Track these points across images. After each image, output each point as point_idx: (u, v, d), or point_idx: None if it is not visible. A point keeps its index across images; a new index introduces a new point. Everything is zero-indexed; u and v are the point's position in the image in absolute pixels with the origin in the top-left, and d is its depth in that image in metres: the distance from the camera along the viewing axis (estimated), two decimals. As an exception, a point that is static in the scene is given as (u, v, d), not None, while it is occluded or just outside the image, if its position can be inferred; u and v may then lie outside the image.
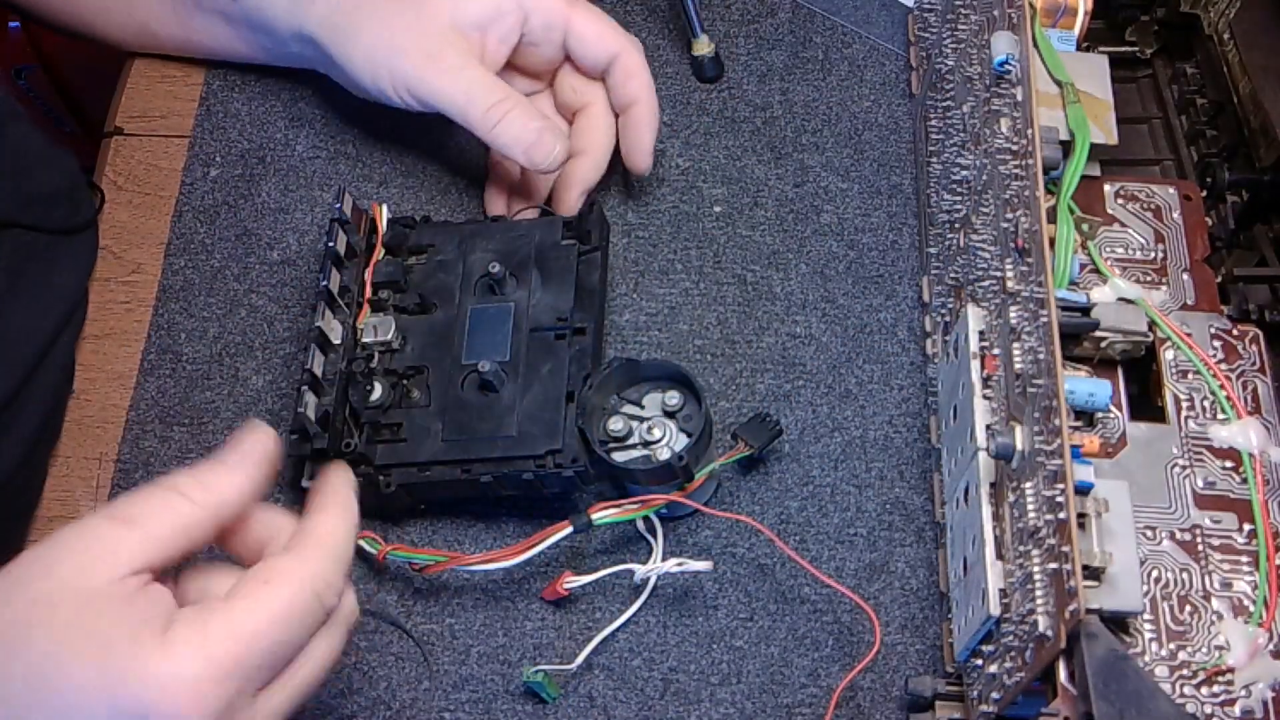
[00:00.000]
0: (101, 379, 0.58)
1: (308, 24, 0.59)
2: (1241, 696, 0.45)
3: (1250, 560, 0.47)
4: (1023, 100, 0.49)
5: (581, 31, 0.57)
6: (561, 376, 0.52)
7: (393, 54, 0.56)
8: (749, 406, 0.57)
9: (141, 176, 0.64)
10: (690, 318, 0.59)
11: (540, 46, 0.58)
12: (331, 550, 0.41)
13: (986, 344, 0.49)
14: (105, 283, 0.61)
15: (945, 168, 0.57)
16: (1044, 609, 0.40)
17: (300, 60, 0.62)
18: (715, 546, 0.54)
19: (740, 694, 0.51)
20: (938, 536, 0.53)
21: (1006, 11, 0.51)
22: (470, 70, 0.56)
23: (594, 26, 0.58)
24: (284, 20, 0.59)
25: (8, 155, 0.54)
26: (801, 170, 0.63)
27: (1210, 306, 0.53)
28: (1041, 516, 0.41)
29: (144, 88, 0.66)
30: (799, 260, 0.60)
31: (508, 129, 0.55)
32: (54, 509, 0.56)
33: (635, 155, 0.59)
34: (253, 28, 0.61)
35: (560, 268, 0.55)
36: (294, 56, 0.62)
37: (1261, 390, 0.51)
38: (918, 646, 0.51)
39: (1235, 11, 0.57)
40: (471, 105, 0.56)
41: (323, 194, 0.63)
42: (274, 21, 0.60)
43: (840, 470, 0.55)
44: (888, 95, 0.65)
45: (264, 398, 0.57)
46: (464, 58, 0.56)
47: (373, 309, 0.55)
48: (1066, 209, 0.50)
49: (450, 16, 0.56)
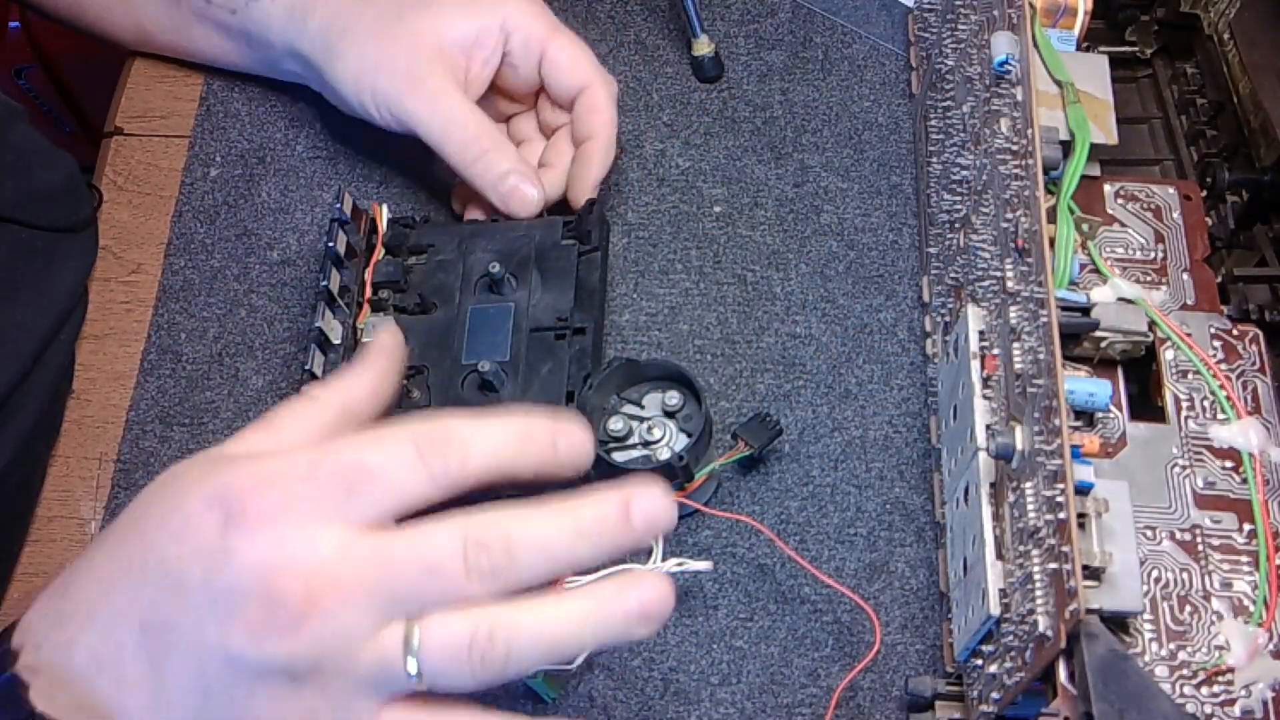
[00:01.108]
0: (101, 379, 0.58)
1: (301, 41, 0.59)
2: (1241, 696, 0.45)
3: (1250, 560, 0.47)
4: (1023, 100, 0.49)
5: (555, 57, 0.58)
6: (561, 376, 0.52)
7: (377, 74, 0.57)
8: (749, 406, 0.57)
9: (141, 176, 0.64)
10: (690, 318, 0.59)
11: (519, 69, 0.58)
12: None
13: (986, 344, 0.49)
14: (105, 283, 0.61)
15: (945, 168, 0.57)
16: (1044, 609, 0.40)
17: (295, 76, 0.63)
18: (715, 546, 0.54)
19: (740, 694, 0.51)
20: (938, 536, 0.53)
21: (1006, 11, 0.51)
22: (450, 98, 0.56)
23: (568, 55, 0.58)
24: (279, 36, 0.60)
25: (7, 153, 0.54)
26: (801, 170, 0.63)
27: (1210, 306, 0.53)
28: (1041, 516, 0.41)
29: (144, 88, 0.66)
30: (799, 260, 0.60)
31: (484, 172, 0.56)
32: (54, 509, 0.56)
33: (577, 188, 0.58)
34: (249, 41, 0.62)
35: (560, 268, 0.55)
36: (289, 73, 0.63)
37: (1261, 390, 0.51)
38: (918, 646, 0.51)
39: (1235, 11, 0.57)
40: (448, 138, 0.56)
41: (323, 194, 0.63)
42: (270, 37, 0.60)
43: (840, 470, 0.55)
44: (888, 95, 0.65)
45: (264, 398, 0.57)
46: (445, 83, 0.56)
47: (373, 309, 0.55)
48: (1066, 209, 0.50)
49: (435, 39, 0.57)
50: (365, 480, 0.37)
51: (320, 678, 0.37)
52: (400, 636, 0.37)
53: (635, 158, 0.63)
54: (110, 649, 0.37)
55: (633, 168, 0.63)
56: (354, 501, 0.37)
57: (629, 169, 0.62)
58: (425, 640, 0.37)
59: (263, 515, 0.36)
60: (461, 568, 0.37)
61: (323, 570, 0.36)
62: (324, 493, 0.37)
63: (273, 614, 0.36)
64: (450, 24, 0.57)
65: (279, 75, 0.64)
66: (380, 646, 0.37)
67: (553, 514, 0.38)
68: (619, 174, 0.61)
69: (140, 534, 0.38)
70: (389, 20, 0.57)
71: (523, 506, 0.38)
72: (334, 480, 0.37)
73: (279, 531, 0.36)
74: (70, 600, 0.38)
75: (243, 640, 0.36)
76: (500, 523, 0.38)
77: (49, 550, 0.54)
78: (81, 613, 0.38)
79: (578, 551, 0.38)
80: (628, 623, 0.38)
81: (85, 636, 0.37)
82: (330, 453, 0.38)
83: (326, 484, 0.37)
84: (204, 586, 0.36)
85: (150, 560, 0.37)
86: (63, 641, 0.38)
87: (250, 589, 0.36)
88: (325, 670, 0.37)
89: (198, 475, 0.38)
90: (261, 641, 0.36)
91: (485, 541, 0.37)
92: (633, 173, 0.63)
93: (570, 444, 0.40)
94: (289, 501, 0.37)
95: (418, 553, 0.37)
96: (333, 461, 0.38)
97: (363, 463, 0.38)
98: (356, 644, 0.37)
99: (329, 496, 0.37)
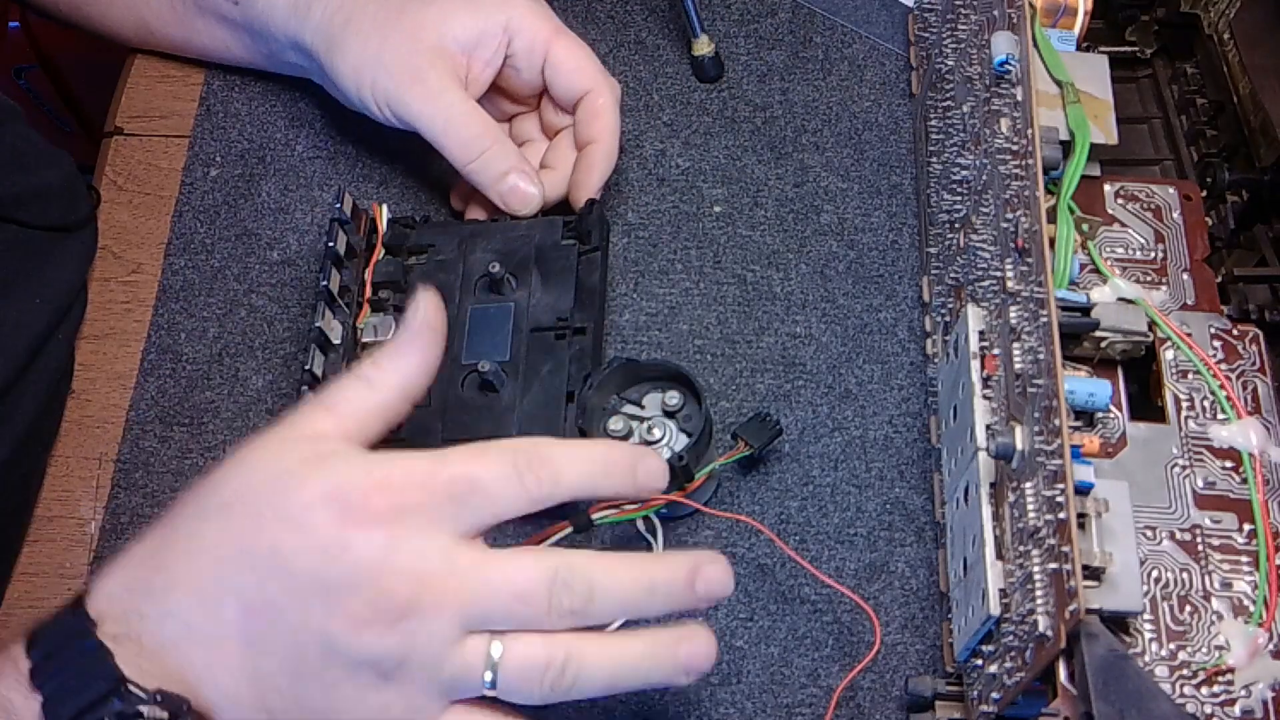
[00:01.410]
0: (101, 379, 0.58)
1: (303, 34, 0.59)
2: (1241, 696, 0.45)
3: (1250, 560, 0.47)
4: (1023, 100, 0.49)
5: (559, 61, 0.58)
6: (561, 376, 0.52)
7: (378, 70, 0.57)
8: (749, 406, 0.57)
9: (141, 176, 0.64)
10: (690, 318, 0.59)
11: (522, 71, 0.58)
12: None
13: (986, 344, 0.49)
14: (105, 283, 0.61)
15: (945, 168, 0.57)
16: (1044, 609, 0.40)
17: (297, 69, 0.63)
18: (715, 546, 0.54)
19: (740, 694, 0.51)
20: (938, 536, 0.53)
21: (1006, 11, 0.51)
22: (450, 95, 0.56)
23: (572, 59, 0.58)
24: (281, 28, 0.60)
25: (4, 152, 0.54)
26: (801, 170, 0.63)
27: (1210, 306, 0.53)
28: (1041, 516, 0.41)
29: (144, 88, 0.66)
30: (799, 260, 0.60)
31: (484, 170, 0.56)
32: (54, 509, 0.56)
33: (578, 191, 0.58)
34: (252, 34, 0.62)
35: (560, 268, 0.55)
36: (291, 65, 0.62)
37: (1261, 390, 0.51)
38: (918, 646, 0.51)
39: (1235, 11, 0.57)
40: (448, 135, 0.56)
41: (323, 194, 0.63)
42: (272, 29, 0.60)
43: (840, 470, 0.55)
44: (888, 95, 0.65)
45: (264, 398, 0.57)
46: (446, 80, 0.56)
47: (373, 309, 0.55)
48: (1066, 209, 0.50)
49: (437, 36, 0.56)
50: (473, 493, 0.40)
51: (404, 674, 0.39)
52: (484, 649, 0.40)
53: (635, 158, 0.63)
54: (210, 624, 0.39)
55: (633, 168, 0.63)
56: (461, 512, 0.40)
57: (629, 169, 0.62)
58: (505, 658, 0.40)
59: (380, 516, 0.39)
60: (546, 602, 0.40)
61: (428, 576, 0.39)
62: (437, 502, 0.40)
63: (376, 609, 0.38)
64: (453, 22, 0.57)
65: (281, 69, 0.64)
66: (464, 655, 0.39)
67: (631, 569, 0.41)
68: (619, 174, 0.61)
69: (251, 517, 0.40)
70: (391, 15, 0.57)
71: (606, 556, 0.42)
72: (446, 490, 0.40)
73: (393, 533, 0.39)
74: (166, 572, 0.40)
75: (344, 628, 0.38)
76: (587, 569, 0.41)
77: (49, 550, 0.54)
78: (181, 585, 0.39)
79: (645, 606, 0.42)
80: (675, 671, 0.42)
81: (184, 609, 0.39)
82: (444, 464, 0.40)
83: (439, 493, 0.40)
84: (314, 575, 0.39)
85: (262, 543, 0.39)
86: (155, 613, 0.39)
87: (360, 582, 0.38)
88: (411, 668, 0.39)
89: (300, 460, 0.40)
90: (361, 632, 0.38)
91: (571, 584, 0.40)
92: (633, 173, 0.63)
93: (649, 472, 0.43)
94: (406, 506, 0.39)
95: (511, 579, 0.40)
96: (447, 474, 0.40)
97: (472, 476, 0.40)
98: (443, 649, 0.39)
99: (441, 506, 0.40)
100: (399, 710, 0.40)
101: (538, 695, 0.40)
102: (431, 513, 0.39)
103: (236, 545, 0.40)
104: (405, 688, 0.39)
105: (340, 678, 0.39)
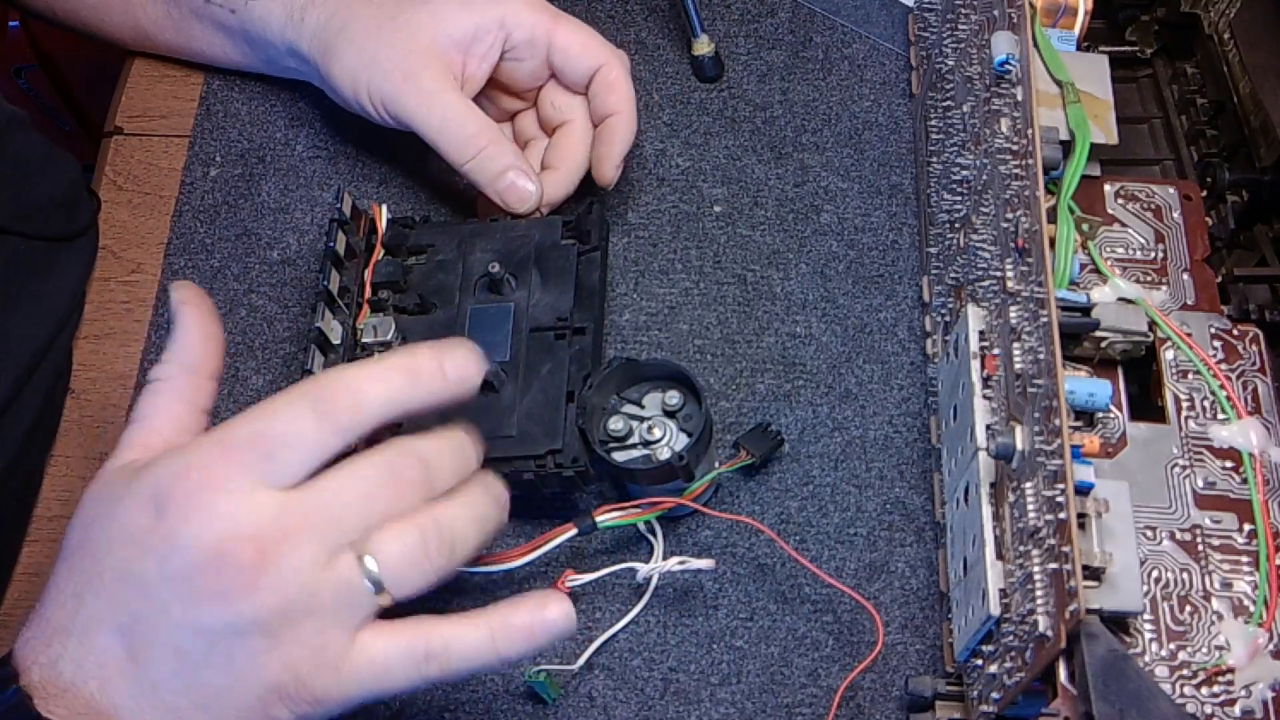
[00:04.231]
0: (101, 379, 0.58)
1: (300, 39, 0.59)
2: (1241, 696, 0.45)
3: (1250, 560, 0.47)
4: (1023, 100, 0.49)
5: (565, 45, 0.57)
6: (561, 376, 0.52)
7: (373, 73, 0.57)
8: (749, 406, 0.57)
9: (141, 176, 0.64)
10: (690, 318, 0.59)
11: (524, 63, 0.58)
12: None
13: (986, 344, 0.49)
14: (105, 283, 0.61)
15: (945, 168, 0.57)
16: (1044, 609, 0.40)
17: (295, 73, 0.63)
18: (715, 546, 0.54)
19: (740, 694, 0.51)
20: (938, 536, 0.53)
21: (1006, 11, 0.51)
22: (446, 95, 0.56)
23: (578, 39, 0.58)
24: (278, 35, 0.60)
25: (8, 164, 0.54)
26: (801, 170, 0.63)
27: (1210, 306, 0.53)
28: (1041, 516, 0.41)
29: (144, 88, 0.66)
30: (799, 260, 0.60)
31: (481, 168, 0.56)
32: (54, 509, 0.56)
33: (603, 165, 0.58)
34: (249, 40, 0.62)
35: (560, 268, 0.55)
36: (289, 70, 0.63)
37: (1261, 390, 0.51)
38: (918, 646, 0.51)
39: (1235, 11, 0.57)
40: (444, 135, 0.56)
41: (323, 194, 0.63)
42: (269, 35, 0.60)
43: (840, 470, 0.55)
44: (888, 95, 0.65)
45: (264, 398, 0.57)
46: (441, 80, 0.56)
47: (372, 309, 0.55)
48: (1066, 209, 0.50)
49: (431, 37, 0.56)
50: (274, 445, 0.40)
51: (290, 622, 0.39)
52: (353, 559, 0.39)
53: (635, 158, 0.63)
54: (91, 656, 0.39)
55: (633, 168, 0.63)
56: (271, 467, 0.39)
57: (629, 169, 0.62)
58: (379, 553, 0.40)
59: (193, 497, 0.39)
60: (394, 485, 0.40)
61: (264, 526, 0.39)
62: (240, 464, 0.39)
63: (228, 577, 0.38)
64: (447, 21, 0.57)
65: (279, 73, 0.64)
66: (336, 575, 0.39)
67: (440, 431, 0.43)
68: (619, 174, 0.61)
69: (88, 548, 0.40)
70: (386, 18, 0.57)
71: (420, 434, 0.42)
72: (244, 451, 0.39)
73: (209, 507, 0.39)
74: (44, 622, 0.40)
75: (207, 609, 0.39)
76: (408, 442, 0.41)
77: (49, 550, 0.54)
78: (56, 632, 0.40)
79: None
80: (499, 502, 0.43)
81: (66, 652, 0.40)
82: (233, 428, 0.40)
83: (239, 456, 0.39)
84: (159, 575, 0.39)
85: (104, 568, 0.40)
86: (47, 661, 0.40)
87: (200, 563, 0.38)
88: (293, 614, 0.39)
89: (120, 484, 0.41)
90: (225, 604, 0.38)
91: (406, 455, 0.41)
92: (633, 173, 0.63)
93: (457, 364, 0.42)
94: (210, 480, 0.39)
95: (350, 484, 0.40)
96: (237, 435, 0.40)
97: (267, 430, 0.40)
98: (314, 580, 0.39)
99: (245, 466, 0.39)
100: (304, 660, 0.39)
101: (430, 573, 0.40)
102: (240, 477, 0.39)
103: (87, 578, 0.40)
104: (298, 634, 0.39)
105: (230, 652, 0.39)
